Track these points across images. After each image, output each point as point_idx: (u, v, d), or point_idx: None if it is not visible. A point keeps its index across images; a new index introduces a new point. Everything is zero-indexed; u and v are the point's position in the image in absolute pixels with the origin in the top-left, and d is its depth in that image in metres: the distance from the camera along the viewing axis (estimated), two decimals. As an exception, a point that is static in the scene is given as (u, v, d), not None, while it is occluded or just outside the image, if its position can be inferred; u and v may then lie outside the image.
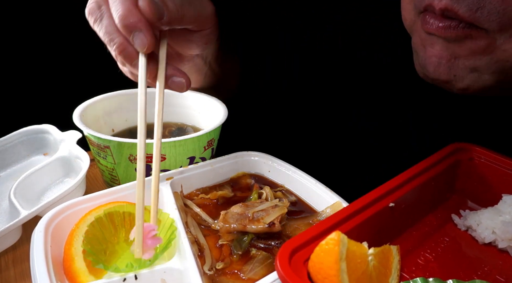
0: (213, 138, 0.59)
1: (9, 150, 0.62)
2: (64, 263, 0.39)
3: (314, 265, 0.30)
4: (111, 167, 0.55)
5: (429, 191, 0.44)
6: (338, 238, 0.30)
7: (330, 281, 0.28)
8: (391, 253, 0.36)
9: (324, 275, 0.29)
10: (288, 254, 0.30)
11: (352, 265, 0.30)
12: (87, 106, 0.62)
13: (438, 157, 0.45)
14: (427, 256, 0.39)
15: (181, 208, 0.47)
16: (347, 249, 0.30)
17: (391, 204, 0.38)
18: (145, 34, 0.39)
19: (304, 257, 0.31)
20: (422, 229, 0.43)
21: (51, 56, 1.14)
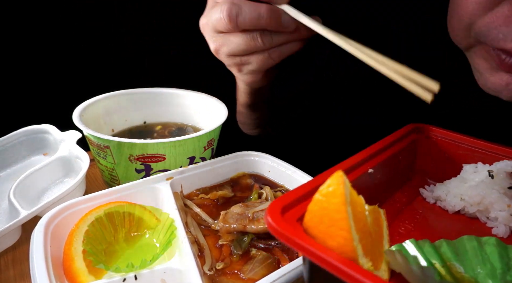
0: (213, 138, 0.59)
1: (9, 150, 0.62)
2: (64, 263, 0.39)
3: (313, 216, 0.26)
4: (111, 167, 0.55)
5: (394, 168, 0.46)
6: (342, 178, 0.25)
7: (338, 227, 0.24)
8: (381, 215, 0.34)
9: (328, 223, 0.25)
10: (279, 211, 0.26)
11: (356, 213, 0.26)
12: (87, 106, 0.62)
13: (396, 136, 0.46)
14: (406, 226, 0.41)
15: (181, 208, 0.47)
16: (350, 193, 0.26)
17: (370, 170, 0.39)
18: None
19: (296, 216, 0.27)
20: (394, 205, 0.44)
21: (51, 56, 1.14)
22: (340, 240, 0.24)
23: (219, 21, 0.42)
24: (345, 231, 0.24)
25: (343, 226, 0.24)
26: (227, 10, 0.41)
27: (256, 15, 0.41)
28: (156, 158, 0.54)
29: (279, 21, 0.42)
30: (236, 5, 0.41)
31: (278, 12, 0.42)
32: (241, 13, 0.41)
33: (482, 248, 0.30)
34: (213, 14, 0.43)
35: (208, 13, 0.45)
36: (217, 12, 0.42)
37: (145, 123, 0.72)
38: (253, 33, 0.43)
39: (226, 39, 0.45)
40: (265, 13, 0.41)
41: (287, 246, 0.43)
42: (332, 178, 0.25)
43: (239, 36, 0.44)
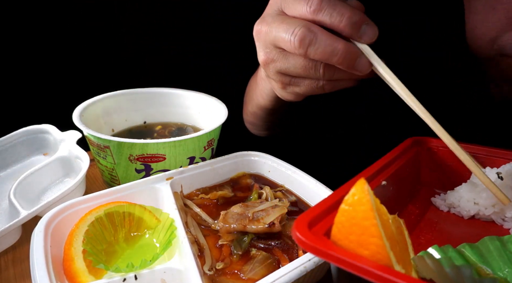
0: (213, 138, 0.59)
1: (9, 150, 0.62)
2: (64, 263, 0.39)
3: (342, 227, 0.25)
4: (111, 167, 0.55)
5: (402, 181, 0.45)
6: (366, 186, 0.25)
7: (369, 234, 0.24)
8: (401, 224, 0.33)
9: (358, 232, 0.24)
10: (306, 226, 0.26)
11: (382, 221, 0.25)
12: (87, 106, 0.62)
13: (399, 150, 0.46)
14: (425, 235, 0.41)
15: (181, 208, 0.47)
16: (375, 200, 0.26)
17: (383, 182, 0.39)
18: (373, 24, 0.39)
19: (322, 230, 0.27)
20: (409, 217, 0.44)
21: (51, 56, 1.14)
22: (373, 247, 0.24)
23: (285, 41, 0.39)
24: (377, 238, 0.24)
25: (374, 233, 0.24)
26: (301, 36, 0.38)
27: (330, 50, 0.38)
28: (156, 158, 0.54)
29: (352, 63, 0.39)
30: (312, 32, 0.38)
31: (356, 53, 0.39)
32: (315, 43, 0.38)
33: (506, 247, 0.29)
34: (281, 32, 0.39)
35: (271, 24, 0.41)
36: (288, 32, 0.39)
37: (145, 123, 0.72)
38: (316, 63, 0.40)
39: (283, 56, 0.42)
40: (342, 50, 0.38)
41: (287, 246, 0.43)
42: (356, 186, 0.25)
43: (299, 59, 0.41)
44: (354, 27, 0.38)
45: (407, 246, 0.31)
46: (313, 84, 0.43)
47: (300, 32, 0.38)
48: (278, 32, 0.40)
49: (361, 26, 0.38)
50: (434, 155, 0.49)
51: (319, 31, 0.38)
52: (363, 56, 0.39)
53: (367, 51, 0.39)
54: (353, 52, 0.39)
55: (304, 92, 0.45)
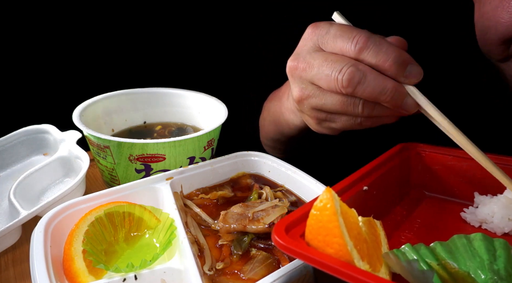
0: (213, 138, 0.59)
1: (9, 150, 0.62)
2: (64, 263, 0.39)
3: (311, 229, 0.29)
4: (111, 167, 0.55)
5: (390, 183, 0.47)
6: (331, 194, 0.29)
7: (333, 235, 0.28)
8: (376, 226, 0.36)
9: (324, 233, 0.28)
10: (283, 229, 0.30)
11: (348, 223, 0.29)
12: (87, 106, 0.62)
13: (388, 154, 0.48)
14: (406, 235, 0.42)
15: (181, 208, 0.47)
16: (340, 205, 0.30)
17: (364, 187, 0.40)
18: (417, 65, 0.39)
19: (299, 232, 0.31)
20: (395, 218, 0.45)
21: (51, 56, 1.14)
22: (336, 246, 0.28)
23: (330, 80, 0.38)
24: (339, 237, 0.28)
25: (336, 234, 0.28)
26: (350, 75, 0.37)
27: (379, 90, 0.37)
28: (156, 158, 0.54)
29: (400, 102, 0.39)
30: (360, 71, 0.37)
31: (404, 93, 0.38)
32: (364, 82, 0.37)
33: (471, 244, 0.32)
34: (325, 70, 0.38)
35: (311, 61, 0.40)
36: (334, 70, 0.38)
37: (145, 123, 0.72)
38: (355, 100, 0.40)
39: (320, 93, 0.41)
40: (391, 90, 0.37)
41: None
42: (322, 194, 0.29)
43: (337, 96, 0.40)
44: (401, 67, 0.38)
45: (379, 245, 0.34)
46: (351, 120, 0.42)
47: (350, 71, 0.37)
48: (320, 70, 0.39)
49: (407, 66, 0.38)
50: (423, 159, 0.51)
51: (368, 70, 0.37)
52: (409, 96, 0.39)
53: (412, 90, 0.39)
54: (401, 92, 0.38)
55: (340, 127, 0.44)
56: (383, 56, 0.37)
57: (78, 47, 1.17)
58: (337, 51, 0.39)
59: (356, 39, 0.37)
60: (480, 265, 0.30)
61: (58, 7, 1.11)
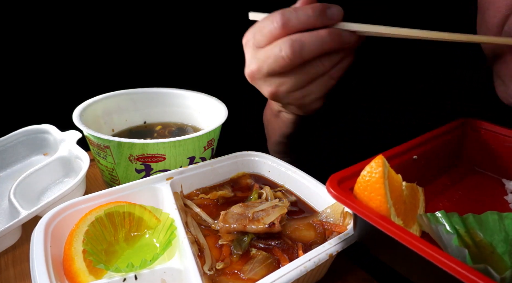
0: (213, 138, 0.59)
1: (9, 150, 0.62)
2: (64, 263, 0.39)
3: (360, 186, 0.34)
4: (111, 167, 0.55)
5: (441, 155, 0.49)
6: (382, 160, 0.34)
7: (376, 193, 0.33)
8: (418, 191, 0.41)
9: (370, 190, 0.33)
10: (336, 182, 0.35)
11: (392, 186, 0.34)
12: (87, 106, 0.62)
13: (446, 128, 0.50)
14: (445, 203, 0.45)
15: (181, 208, 0.47)
16: (388, 171, 0.35)
17: (414, 156, 0.44)
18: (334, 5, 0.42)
19: (348, 186, 0.36)
20: (438, 187, 0.48)
21: (51, 56, 1.14)
22: (377, 202, 0.33)
23: (280, 61, 0.42)
24: (381, 196, 0.33)
25: (379, 192, 0.33)
26: (289, 47, 0.40)
27: (320, 42, 0.41)
28: (156, 158, 0.54)
29: (340, 40, 0.42)
30: (295, 40, 0.41)
31: (337, 32, 0.41)
32: (304, 45, 0.41)
33: (502, 221, 0.35)
34: (270, 59, 0.42)
35: (258, 62, 0.44)
36: (276, 55, 0.41)
37: (145, 123, 0.72)
38: (312, 62, 0.43)
39: (283, 78, 0.44)
40: (327, 36, 0.41)
41: (287, 246, 0.43)
42: (374, 160, 0.35)
43: (297, 71, 0.43)
44: (322, 15, 0.41)
45: (417, 207, 0.39)
46: (322, 81, 0.45)
47: (287, 45, 0.41)
48: (269, 61, 0.42)
49: (327, 12, 0.41)
50: (479, 136, 0.52)
51: (299, 35, 0.41)
52: (343, 30, 0.42)
53: (343, 25, 0.42)
54: (336, 32, 0.41)
55: (320, 94, 0.47)
56: (302, 17, 0.41)
57: (78, 47, 1.17)
58: (269, 39, 0.42)
59: (275, 20, 0.41)
60: (504, 239, 0.34)
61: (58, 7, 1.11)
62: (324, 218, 0.47)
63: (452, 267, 0.25)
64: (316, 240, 0.44)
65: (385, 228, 0.30)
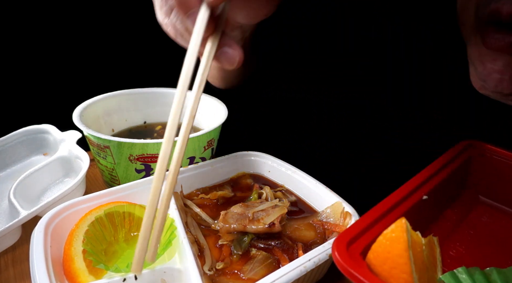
0: (213, 138, 0.59)
1: (9, 150, 0.62)
2: (64, 264, 0.39)
3: (377, 256, 0.28)
4: (111, 167, 0.55)
5: (447, 187, 0.45)
6: (405, 225, 0.28)
7: (400, 270, 0.27)
8: (434, 243, 0.36)
9: (391, 265, 0.27)
10: (345, 245, 0.29)
11: (415, 254, 0.29)
12: (87, 106, 0.62)
13: (452, 154, 0.46)
14: (458, 248, 0.41)
15: (181, 208, 0.47)
16: (411, 236, 0.29)
17: (424, 196, 0.39)
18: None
19: (359, 249, 0.30)
20: (445, 224, 0.44)
21: (51, 56, 1.14)
22: (401, 281, 0.27)
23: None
24: (407, 275, 0.27)
25: (405, 270, 0.27)
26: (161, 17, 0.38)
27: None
28: (156, 158, 0.54)
29: None
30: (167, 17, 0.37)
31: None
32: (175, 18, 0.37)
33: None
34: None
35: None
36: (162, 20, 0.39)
37: (145, 123, 0.72)
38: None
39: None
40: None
41: (287, 246, 0.43)
42: (396, 224, 0.29)
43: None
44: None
45: (436, 267, 0.34)
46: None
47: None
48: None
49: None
50: (486, 162, 0.48)
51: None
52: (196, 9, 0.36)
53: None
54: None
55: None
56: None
57: (78, 47, 1.17)
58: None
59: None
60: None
61: (58, 7, 1.11)
62: (324, 218, 0.47)
63: None
64: (316, 240, 0.44)
65: None
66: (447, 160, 0.45)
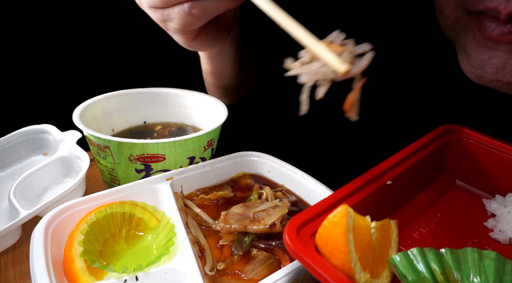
0: (213, 138, 0.59)
1: (9, 150, 0.62)
2: (64, 264, 0.39)
3: (321, 238, 0.32)
4: (111, 167, 0.55)
5: (420, 171, 0.46)
6: (345, 211, 0.31)
7: (338, 251, 0.30)
8: (390, 227, 0.38)
9: (332, 246, 0.31)
10: (295, 228, 0.32)
11: (358, 236, 0.32)
12: (87, 106, 0.61)
13: (428, 138, 0.47)
14: (421, 230, 0.42)
15: (181, 209, 0.47)
16: (353, 221, 0.32)
17: (388, 182, 0.41)
18: None
19: (310, 232, 0.33)
20: (415, 206, 0.45)
21: (51, 56, 1.14)
22: (340, 261, 0.30)
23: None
24: (344, 254, 0.30)
25: (342, 251, 0.30)
26: None
27: None
28: (156, 158, 0.54)
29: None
30: None
31: None
32: None
33: (482, 261, 0.32)
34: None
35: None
36: None
37: (145, 123, 0.72)
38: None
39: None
40: None
41: (287, 246, 0.43)
42: (338, 210, 0.32)
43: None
44: None
45: (388, 248, 0.36)
46: (181, 11, 0.41)
47: None
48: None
49: None
50: (463, 147, 0.49)
51: None
52: None
53: None
54: None
55: (180, 26, 0.43)
56: None
57: (78, 47, 1.17)
58: None
59: None
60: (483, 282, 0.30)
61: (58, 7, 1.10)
62: (324, 218, 0.47)
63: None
64: (317, 240, 0.44)
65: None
66: (421, 145, 0.46)
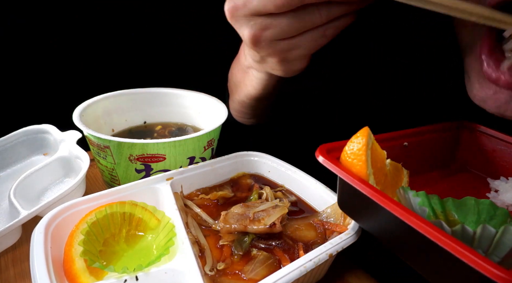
0: (213, 138, 0.59)
1: (9, 150, 0.62)
2: (64, 264, 0.39)
3: (345, 153, 0.37)
4: (111, 167, 0.55)
5: (434, 149, 0.51)
6: (367, 132, 0.37)
7: (358, 159, 0.36)
8: (402, 172, 0.43)
9: (353, 157, 0.36)
10: (325, 151, 0.38)
11: (374, 157, 0.37)
12: (87, 106, 0.61)
13: (443, 126, 0.51)
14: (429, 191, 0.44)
15: (181, 209, 0.47)
16: (373, 143, 0.37)
17: (405, 143, 0.46)
18: None
19: (336, 156, 0.39)
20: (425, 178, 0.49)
21: (51, 56, 1.14)
22: (358, 168, 0.36)
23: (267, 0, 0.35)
24: (362, 162, 0.36)
25: (361, 159, 0.36)
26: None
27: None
28: (156, 158, 0.54)
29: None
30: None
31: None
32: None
33: (477, 205, 0.38)
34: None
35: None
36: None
37: (145, 123, 0.72)
38: (308, 9, 0.36)
39: (271, 20, 0.37)
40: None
41: (287, 246, 0.43)
42: (360, 131, 0.37)
43: (291, 15, 0.37)
44: None
45: (399, 185, 0.41)
46: (314, 35, 0.39)
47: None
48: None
49: None
50: (476, 139, 0.52)
51: None
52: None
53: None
54: None
55: (308, 50, 0.41)
56: None
57: (78, 47, 1.17)
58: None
59: None
60: (476, 220, 0.37)
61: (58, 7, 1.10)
62: (324, 218, 0.47)
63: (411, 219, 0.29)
64: (317, 240, 0.44)
65: (360, 186, 0.33)
66: (436, 128, 0.50)
